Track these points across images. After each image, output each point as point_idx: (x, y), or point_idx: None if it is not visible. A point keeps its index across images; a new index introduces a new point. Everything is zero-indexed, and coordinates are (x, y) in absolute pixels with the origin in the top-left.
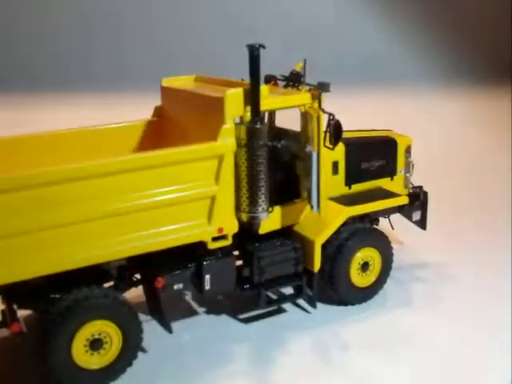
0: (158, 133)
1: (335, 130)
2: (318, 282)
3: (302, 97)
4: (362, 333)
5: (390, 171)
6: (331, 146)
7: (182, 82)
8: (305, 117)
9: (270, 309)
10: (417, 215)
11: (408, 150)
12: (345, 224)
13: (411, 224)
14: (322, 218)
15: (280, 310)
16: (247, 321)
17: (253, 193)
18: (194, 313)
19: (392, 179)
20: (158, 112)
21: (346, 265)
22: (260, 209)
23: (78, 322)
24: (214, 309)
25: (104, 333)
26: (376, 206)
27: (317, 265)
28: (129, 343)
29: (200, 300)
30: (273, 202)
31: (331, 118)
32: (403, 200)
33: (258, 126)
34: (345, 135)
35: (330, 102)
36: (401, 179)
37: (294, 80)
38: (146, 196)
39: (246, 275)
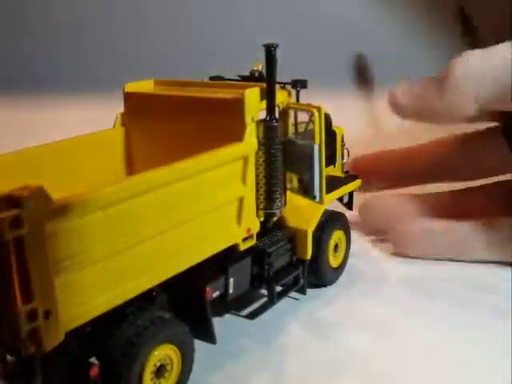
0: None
1: None
2: (308, 268)
3: (279, 95)
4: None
5: (334, 159)
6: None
7: (144, 86)
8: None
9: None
10: (345, 197)
11: (342, 139)
12: None
13: None
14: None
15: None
16: (246, 317)
17: (270, 190)
18: None
19: (335, 166)
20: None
21: (326, 248)
22: (275, 206)
23: (147, 350)
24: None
25: (166, 357)
26: (344, 190)
27: (309, 253)
28: (186, 363)
29: None
30: (286, 197)
31: (311, 115)
32: (359, 183)
33: (275, 124)
34: None
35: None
36: (339, 166)
37: (256, 80)
38: (190, 205)
39: (255, 272)
